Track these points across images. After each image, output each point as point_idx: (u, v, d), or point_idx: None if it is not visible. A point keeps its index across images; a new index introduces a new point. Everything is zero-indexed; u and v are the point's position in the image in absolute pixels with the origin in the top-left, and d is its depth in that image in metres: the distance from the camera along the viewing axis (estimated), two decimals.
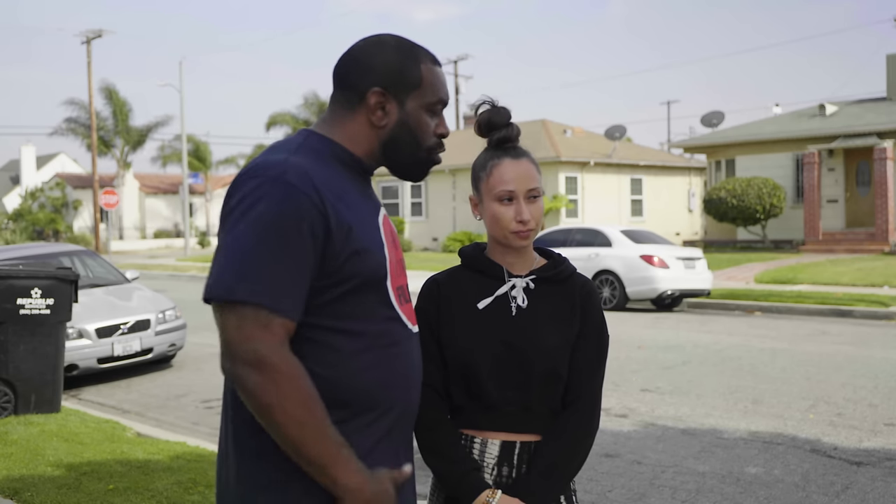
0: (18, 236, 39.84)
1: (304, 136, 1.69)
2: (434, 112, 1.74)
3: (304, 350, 1.56)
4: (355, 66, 1.68)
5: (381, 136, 1.69)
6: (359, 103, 1.68)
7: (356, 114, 1.69)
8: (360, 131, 1.69)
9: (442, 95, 1.75)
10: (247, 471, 1.59)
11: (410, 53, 1.70)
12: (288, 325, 1.51)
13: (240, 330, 1.47)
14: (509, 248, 2.02)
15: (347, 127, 1.69)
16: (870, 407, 6.84)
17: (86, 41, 40.12)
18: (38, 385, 6.81)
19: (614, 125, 31.73)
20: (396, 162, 1.74)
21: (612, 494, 4.88)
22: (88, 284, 9.59)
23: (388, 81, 1.67)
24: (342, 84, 1.70)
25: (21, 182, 53.36)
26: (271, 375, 1.45)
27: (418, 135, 1.72)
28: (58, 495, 4.61)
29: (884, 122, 24.09)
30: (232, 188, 1.58)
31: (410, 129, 1.71)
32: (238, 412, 1.60)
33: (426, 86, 1.71)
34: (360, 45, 1.71)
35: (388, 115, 1.68)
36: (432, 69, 1.73)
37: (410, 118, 1.70)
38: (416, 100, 1.70)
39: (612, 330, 2.65)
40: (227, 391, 1.65)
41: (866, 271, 17.73)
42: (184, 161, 38.80)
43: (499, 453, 1.98)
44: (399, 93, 1.68)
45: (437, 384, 2.00)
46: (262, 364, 1.46)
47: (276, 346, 1.47)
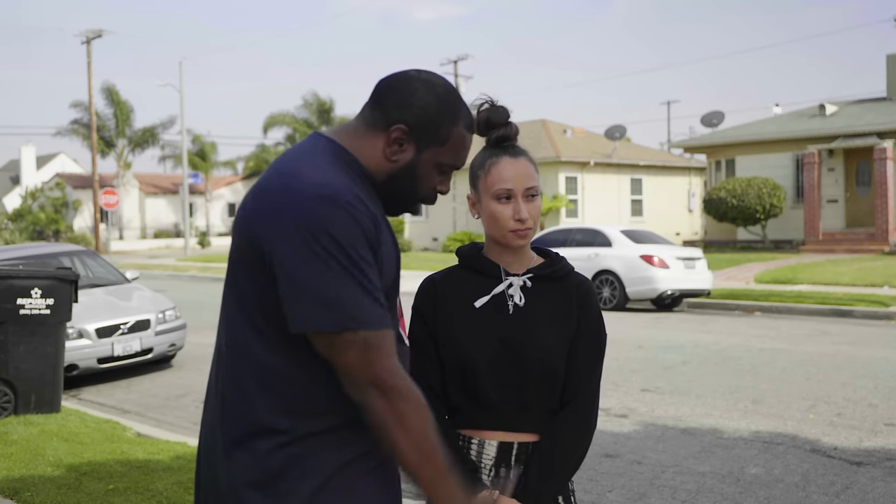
0: (18, 236, 39.84)
1: (324, 145, 1.68)
2: (443, 171, 1.74)
3: (305, 360, 1.59)
4: (395, 94, 1.67)
5: (386, 168, 1.69)
6: (382, 130, 1.67)
7: (375, 137, 1.68)
8: (372, 154, 1.69)
9: (459, 161, 1.75)
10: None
11: (451, 110, 1.69)
12: (392, 337, 1.58)
13: (359, 359, 1.53)
14: (507, 247, 2.02)
15: (366, 144, 1.68)
16: (870, 407, 6.84)
17: (86, 41, 40.12)
18: (38, 385, 6.81)
19: (614, 125, 31.74)
20: (387, 193, 1.73)
21: (612, 494, 4.88)
22: (88, 284, 9.59)
23: (417, 125, 1.66)
24: (376, 102, 1.69)
25: (21, 182, 53.37)
26: (397, 400, 1.54)
27: (419, 184, 1.72)
28: (58, 495, 4.61)
29: (884, 122, 24.09)
30: (280, 207, 1.55)
31: (415, 177, 1.71)
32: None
33: (449, 147, 1.71)
34: (412, 75, 1.69)
35: (401, 154, 1.68)
36: (463, 134, 1.72)
37: (420, 167, 1.70)
38: (433, 154, 1.70)
39: (612, 330, 2.65)
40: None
41: (866, 271, 17.73)
42: (184, 161, 38.80)
43: (496, 454, 1.98)
44: (421, 140, 1.68)
45: (435, 384, 2.00)
46: (387, 389, 1.53)
47: (398, 370, 1.56)
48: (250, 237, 1.59)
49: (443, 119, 1.68)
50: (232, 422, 1.64)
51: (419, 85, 1.67)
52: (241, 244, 1.63)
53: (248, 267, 1.61)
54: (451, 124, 1.69)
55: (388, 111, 1.66)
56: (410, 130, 1.66)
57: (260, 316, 1.60)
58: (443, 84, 1.70)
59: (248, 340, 1.63)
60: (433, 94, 1.67)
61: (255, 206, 1.60)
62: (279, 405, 1.59)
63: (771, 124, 28.02)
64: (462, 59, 42.52)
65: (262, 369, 1.61)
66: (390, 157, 1.68)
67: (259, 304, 1.60)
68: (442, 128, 1.68)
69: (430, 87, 1.68)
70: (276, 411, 1.59)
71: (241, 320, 1.63)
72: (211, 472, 1.69)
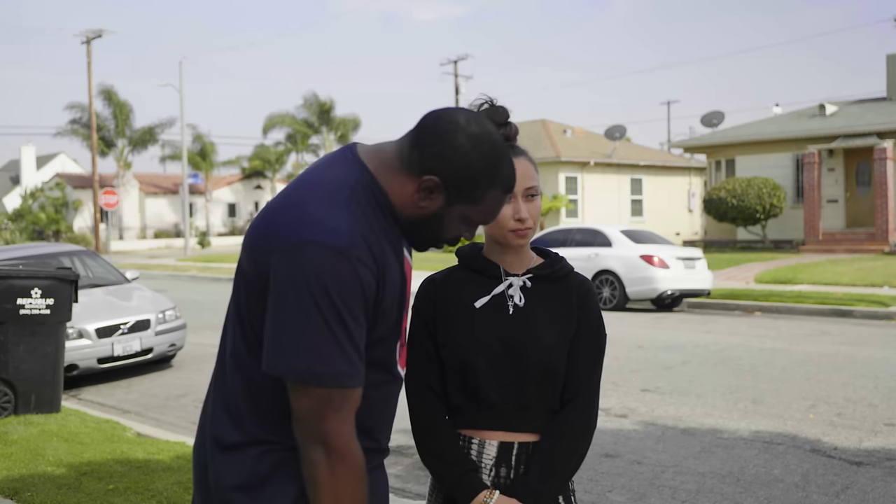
0: (18, 236, 39.85)
1: (357, 176, 1.62)
2: (470, 225, 1.70)
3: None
4: (438, 142, 1.58)
5: (414, 212, 1.65)
6: (415, 174, 1.61)
7: (407, 178, 1.62)
8: (402, 193, 1.63)
9: (488, 220, 1.70)
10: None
11: (492, 173, 1.61)
12: (357, 396, 1.56)
13: (313, 411, 1.51)
14: (507, 248, 2.02)
15: (396, 181, 1.63)
16: (870, 407, 6.84)
17: (86, 41, 40.13)
18: (38, 385, 6.81)
19: (614, 125, 31.75)
20: (411, 233, 1.70)
21: (612, 494, 4.88)
22: (88, 284, 9.59)
23: (452, 182, 1.59)
24: (416, 142, 1.61)
25: (21, 182, 53.38)
26: (335, 461, 1.52)
27: (443, 232, 1.68)
28: (58, 495, 4.61)
29: (884, 122, 24.09)
30: (286, 243, 1.52)
31: (441, 226, 1.67)
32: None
33: (481, 207, 1.65)
34: (460, 125, 1.59)
35: (430, 202, 1.63)
36: (499, 197, 1.65)
37: (447, 219, 1.65)
38: (463, 210, 1.65)
39: (612, 330, 2.65)
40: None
41: (866, 271, 17.73)
42: (184, 161, 38.81)
43: (496, 454, 1.98)
44: (454, 196, 1.62)
45: (435, 384, 2.00)
46: (331, 448, 1.51)
47: (348, 433, 1.53)
48: (256, 262, 1.58)
49: (480, 182, 1.60)
50: (223, 427, 1.64)
51: (464, 141, 1.58)
52: (248, 265, 1.62)
53: (249, 287, 1.61)
54: (489, 187, 1.62)
55: (425, 158, 1.59)
56: (444, 185, 1.60)
57: (252, 333, 1.61)
58: (490, 141, 1.61)
59: (242, 353, 1.64)
60: (477, 153, 1.59)
61: (266, 234, 1.58)
62: (268, 418, 1.60)
63: (771, 124, 28.02)
64: (462, 59, 42.52)
65: (252, 382, 1.62)
66: (418, 202, 1.62)
67: (252, 321, 1.60)
68: (478, 190, 1.62)
69: (476, 145, 1.59)
70: (266, 423, 1.60)
71: (239, 333, 1.65)
72: (201, 471, 1.71)
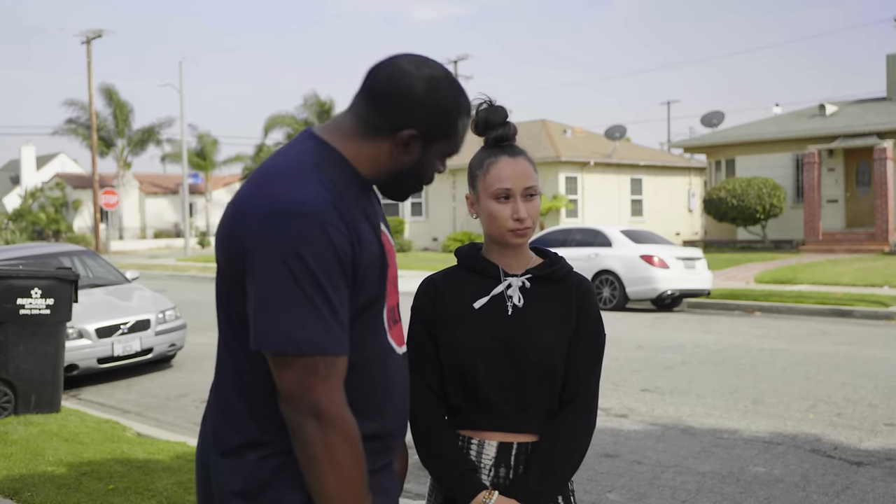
0: (18, 236, 39.85)
1: (314, 148, 1.63)
2: (443, 157, 1.72)
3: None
4: (401, 97, 1.60)
5: (393, 167, 1.66)
6: (388, 132, 1.63)
7: (380, 140, 1.64)
8: (376, 157, 1.65)
9: (459, 147, 1.73)
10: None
11: (457, 105, 1.66)
12: (343, 364, 1.53)
13: (300, 383, 1.48)
14: (506, 247, 2.02)
15: (364, 147, 1.64)
16: (870, 407, 6.84)
17: (86, 41, 40.14)
18: (38, 385, 6.81)
19: (614, 125, 31.74)
20: (392, 188, 1.72)
21: (612, 494, 4.88)
22: (88, 284, 9.59)
23: (427, 127, 1.63)
24: (377, 105, 1.62)
25: (21, 182, 53.38)
26: (329, 431, 1.48)
27: (424, 175, 1.71)
28: (58, 495, 4.61)
29: (884, 122, 24.09)
30: (256, 221, 1.52)
31: (421, 171, 1.69)
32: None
33: (454, 139, 1.69)
34: (412, 75, 1.61)
35: (409, 155, 1.65)
36: (466, 123, 1.71)
37: (426, 162, 1.68)
38: (439, 149, 1.68)
39: (612, 330, 2.65)
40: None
41: (866, 271, 17.73)
42: (184, 161, 38.80)
43: (496, 454, 1.98)
44: (431, 139, 1.65)
45: (434, 384, 2.00)
46: (323, 418, 1.48)
47: (337, 400, 1.50)
48: (229, 254, 1.57)
49: (450, 117, 1.65)
50: (223, 429, 1.63)
51: (422, 86, 1.61)
52: (223, 261, 1.60)
53: (228, 282, 1.59)
54: (458, 118, 1.67)
55: (394, 117, 1.61)
56: (420, 133, 1.63)
57: (237, 319, 1.59)
58: (443, 76, 1.65)
59: (230, 340, 1.63)
60: (439, 92, 1.62)
61: (234, 222, 1.57)
62: (265, 419, 1.58)
63: (771, 124, 28.02)
64: (462, 59, 42.53)
65: (243, 374, 1.61)
66: (398, 157, 1.65)
67: (238, 312, 1.58)
68: (451, 125, 1.66)
69: (435, 85, 1.62)
70: (263, 424, 1.58)
71: (226, 326, 1.64)
72: (203, 474, 1.70)
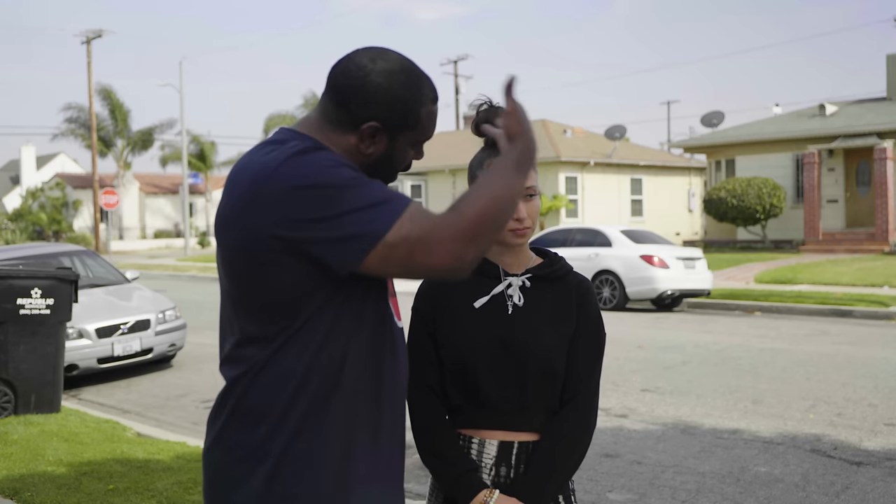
0: (18, 236, 39.85)
1: (293, 136, 1.66)
2: (416, 146, 1.74)
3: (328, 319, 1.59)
4: (359, 92, 1.63)
5: (362, 160, 1.68)
6: (351, 128, 1.66)
7: (345, 134, 1.66)
8: (345, 149, 1.67)
9: (430, 134, 1.74)
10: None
11: (417, 93, 1.67)
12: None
13: (421, 226, 1.51)
14: (506, 247, 2.03)
15: (333, 141, 1.67)
16: (870, 407, 6.85)
17: (86, 41, 40.16)
18: (38, 385, 6.81)
19: (614, 125, 31.73)
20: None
21: (612, 494, 4.88)
22: (88, 284, 9.59)
23: (388, 119, 1.64)
24: (338, 101, 1.65)
25: (21, 182, 53.38)
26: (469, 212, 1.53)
27: (396, 165, 1.73)
28: (58, 495, 4.62)
29: (884, 122, 24.09)
30: (257, 190, 1.54)
31: (392, 162, 1.71)
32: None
33: (420, 127, 1.70)
34: (367, 69, 1.63)
35: (375, 146, 1.67)
36: (431, 110, 1.71)
37: (396, 152, 1.70)
38: (406, 138, 1.70)
39: (612, 330, 2.65)
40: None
41: (866, 271, 17.73)
42: (184, 161, 38.81)
43: (496, 453, 1.98)
44: (395, 130, 1.67)
45: (434, 384, 2.01)
46: (461, 217, 1.52)
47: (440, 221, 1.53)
48: (238, 230, 1.57)
49: (411, 106, 1.66)
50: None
51: (381, 80, 1.62)
52: (228, 243, 1.60)
53: (236, 258, 1.59)
54: (420, 106, 1.68)
55: (353, 111, 1.63)
56: (383, 125, 1.65)
57: (244, 299, 1.62)
58: (401, 68, 1.66)
59: (231, 317, 1.66)
60: (397, 83, 1.63)
61: (236, 200, 1.58)
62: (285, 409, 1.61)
63: (771, 124, 28.01)
64: (462, 59, 42.57)
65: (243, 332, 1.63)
66: (364, 151, 1.67)
67: (244, 294, 1.60)
68: (413, 114, 1.67)
69: (391, 77, 1.63)
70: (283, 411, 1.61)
71: (229, 307, 1.67)
72: (210, 473, 1.70)
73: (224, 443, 1.64)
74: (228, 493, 1.62)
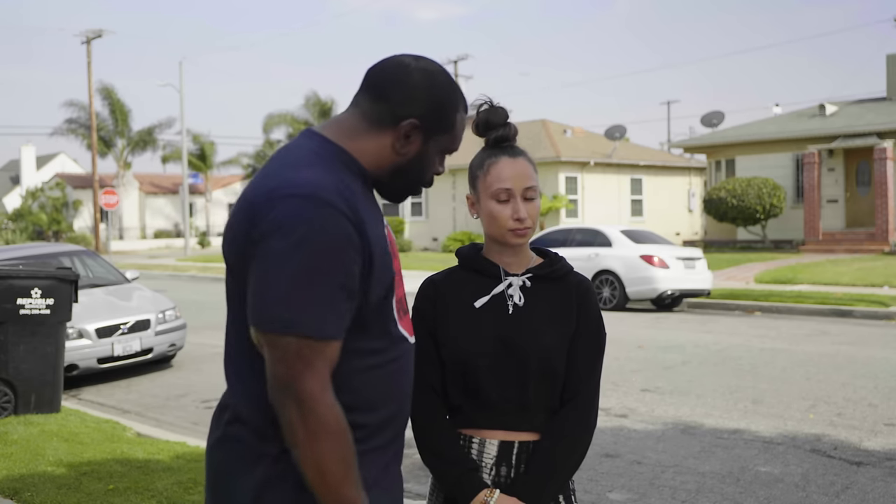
0: (18, 236, 39.85)
1: (317, 144, 1.65)
2: (444, 155, 1.75)
3: None
4: (401, 87, 1.64)
5: (395, 161, 1.68)
6: (390, 124, 1.65)
7: (382, 133, 1.66)
8: (378, 150, 1.66)
9: (458, 145, 1.75)
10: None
11: (454, 98, 1.69)
12: (333, 350, 1.51)
13: (286, 365, 1.47)
14: (506, 247, 2.03)
15: (366, 141, 1.66)
16: (870, 407, 6.85)
17: (86, 41, 40.15)
18: (38, 385, 6.81)
19: (614, 125, 31.74)
20: (392, 186, 1.73)
21: (612, 494, 4.88)
22: (88, 284, 9.59)
23: (428, 118, 1.65)
24: (378, 97, 1.65)
25: (21, 182, 53.38)
26: (310, 419, 1.46)
27: (425, 172, 1.73)
28: (58, 495, 4.61)
29: (884, 122, 24.09)
30: (259, 209, 1.52)
31: (422, 166, 1.71)
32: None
33: (453, 133, 1.71)
34: (410, 66, 1.66)
35: (410, 146, 1.67)
36: (463, 120, 1.74)
37: (426, 157, 1.70)
38: (439, 143, 1.70)
39: (612, 330, 2.65)
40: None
41: (866, 271, 17.73)
42: (184, 161, 38.81)
43: (497, 453, 1.98)
44: (430, 131, 1.67)
45: (435, 384, 2.01)
46: (304, 405, 1.46)
47: (319, 389, 1.47)
48: (237, 246, 1.56)
49: (448, 107, 1.68)
50: None
51: (421, 77, 1.65)
52: (231, 256, 1.59)
53: (237, 280, 1.59)
54: (455, 111, 1.70)
55: (395, 106, 1.64)
56: (421, 124, 1.65)
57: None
58: (440, 70, 1.70)
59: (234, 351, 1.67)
60: (437, 84, 1.66)
61: (239, 214, 1.57)
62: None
63: (771, 124, 28.02)
64: (462, 59, 42.55)
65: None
66: (399, 150, 1.67)
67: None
68: (449, 117, 1.69)
69: (432, 77, 1.66)
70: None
71: (234, 334, 1.66)
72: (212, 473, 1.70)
73: (227, 443, 1.64)
74: (231, 492, 1.62)
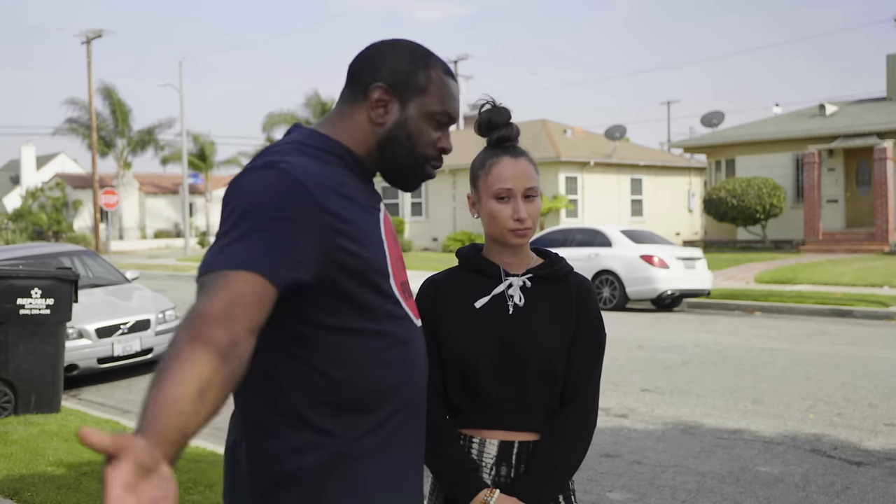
0: (19, 236, 39.85)
1: (302, 135, 1.67)
2: (438, 123, 1.70)
3: (318, 350, 1.56)
4: (365, 63, 1.69)
5: (378, 134, 1.66)
6: (363, 98, 1.67)
7: (358, 109, 1.67)
8: (359, 127, 1.67)
9: (448, 108, 1.70)
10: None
11: (423, 58, 1.69)
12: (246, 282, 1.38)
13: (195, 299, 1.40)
14: (506, 247, 2.03)
15: (348, 122, 1.68)
16: (870, 407, 6.85)
17: (86, 41, 40.13)
18: (38, 385, 6.81)
19: (614, 125, 31.74)
20: (390, 164, 1.70)
21: (612, 494, 4.88)
22: (88, 284, 9.59)
23: (394, 80, 1.65)
24: (351, 80, 1.70)
25: (21, 182, 53.37)
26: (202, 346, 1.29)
27: (415, 140, 1.68)
28: (58, 495, 4.61)
29: (884, 122, 24.09)
30: (231, 184, 1.56)
31: (409, 133, 1.67)
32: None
33: (432, 93, 1.68)
34: (376, 44, 1.72)
35: (388, 114, 1.66)
36: (443, 79, 1.70)
37: (410, 122, 1.67)
38: (419, 105, 1.67)
39: (612, 330, 2.66)
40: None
41: (866, 271, 17.73)
42: (184, 161, 38.81)
43: (497, 453, 1.98)
44: (403, 93, 1.66)
45: (436, 383, 2.00)
46: (192, 323, 1.32)
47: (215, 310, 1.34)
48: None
49: (416, 66, 1.67)
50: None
51: (383, 48, 1.69)
52: None
53: None
54: (427, 69, 1.68)
55: (362, 79, 1.67)
56: (390, 87, 1.65)
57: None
58: (407, 41, 1.72)
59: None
60: (400, 50, 1.69)
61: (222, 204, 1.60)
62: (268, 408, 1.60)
63: (771, 124, 28.02)
64: (462, 58, 42.58)
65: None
66: (377, 120, 1.66)
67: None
68: (418, 74, 1.67)
69: (395, 47, 1.69)
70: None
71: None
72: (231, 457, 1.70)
73: (245, 443, 1.63)
74: (249, 493, 1.62)
